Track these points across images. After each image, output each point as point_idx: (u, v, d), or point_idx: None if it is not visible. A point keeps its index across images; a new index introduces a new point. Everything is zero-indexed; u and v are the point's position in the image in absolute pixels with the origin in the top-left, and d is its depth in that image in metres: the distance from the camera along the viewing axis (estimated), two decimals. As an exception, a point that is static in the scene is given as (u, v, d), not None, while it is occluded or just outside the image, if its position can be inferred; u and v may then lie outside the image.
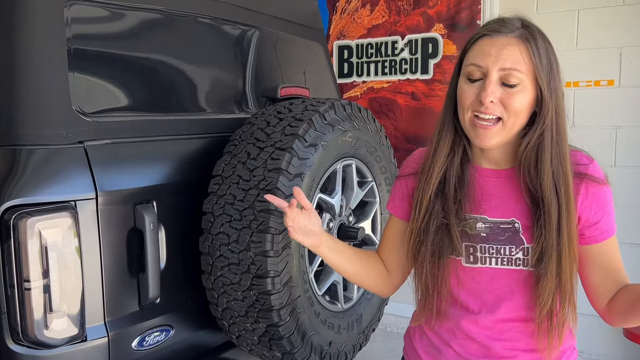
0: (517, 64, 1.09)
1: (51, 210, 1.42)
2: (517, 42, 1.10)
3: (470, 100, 1.12)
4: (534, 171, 1.13)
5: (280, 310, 1.63)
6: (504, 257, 1.17)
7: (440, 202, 1.19)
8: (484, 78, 1.11)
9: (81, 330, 1.49)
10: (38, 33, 1.50)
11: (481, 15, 3.53)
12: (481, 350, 1.22)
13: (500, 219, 1.17)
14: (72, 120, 1.52)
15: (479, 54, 1.11)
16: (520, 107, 1.11)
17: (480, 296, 1.20)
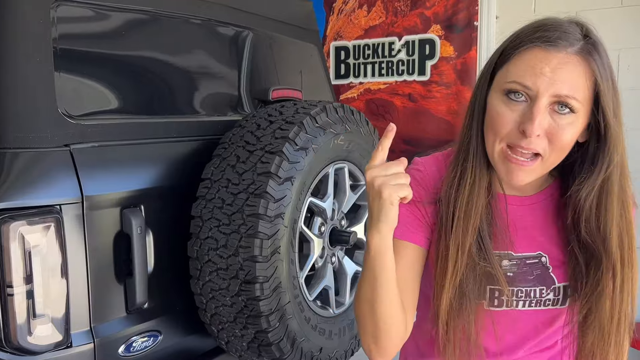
0: (577, 91, 0.88)
1: (35, 214, 1.40)
2: (580, 61, 0.88)
3: (508, 129, 0.91)
4: (595, 221, 0.94)
5: (269, 316, 1.60)
6: (533, 299, 1.02)
7: (476, 242, 0.98)
8: (529, 101, 0.90)
9: (66, 336, 1.47)
10: (24, 34, 1.48)
11: (478, 17, 3.51)
12: None
13: (526, 254, 1.01)
14: (57, 123, 1.49)
15: (528, 71, 0.89)
16: (568, 142, 0.91)
17: (502, 338, 1.05)
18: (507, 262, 1.01)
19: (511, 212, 1.02)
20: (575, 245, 0.97)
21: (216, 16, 2.02)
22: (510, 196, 1.03)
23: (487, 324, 1.03)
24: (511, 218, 1.02)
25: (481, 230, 0.98)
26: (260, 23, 2.26)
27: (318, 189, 1.87)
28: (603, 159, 0.92)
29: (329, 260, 1.93)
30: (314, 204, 1.81)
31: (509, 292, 0.99)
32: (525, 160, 0.92)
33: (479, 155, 0.98)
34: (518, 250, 1.01)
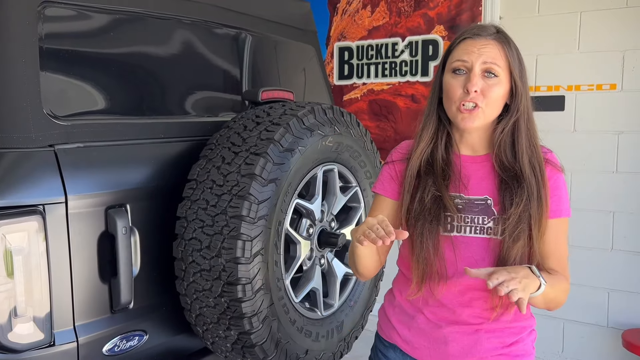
0: (496, 59, 1.27)
1: (18, 214, 1.41)
2: (495, 43, 1.29)
3: (459, 92, 1.28)
4: (510, 152, 1.29)
5: (251, 317, 1.60)
6: (477, 225, 1.30)
7: (431, 178, 1.33)
8: (467, 72, 1.27)
9: (49, 335, 1.48)
10: (10, 35, 1.49)
11: (482, 17, 3.47)
12: (450, 317, 1.33)
13: (475, 197, 1.32)
14: (42, 124, 1.50)
15: (463, 52, 1.29)
16: (496, 96, 1.27)
17: (454, 264, 1.30)
18: (459, 201, 1.31)
19: (466, 167, 1.35)
20: (502, 174, 1.29)
21: (207, 17, 2.03)
22: (466, 155, 1.36)
23: (442, 248, 1.30)
24: (466, 171, 1.34)
25: (436, 169, 1.33)
26: (254, 24, 2.26)
27: (306, 190, 1.86)
28: (514, 107, 1.29)
29: (317, 262, 1.92)
30: (301, 205, 1.80)
31: (456, 218, 1.30)
32: (472, 109, 1.27)
33: (430, 119, 1.37)
34: (469, 194, 1.32)
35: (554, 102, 3.31)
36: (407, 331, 1.38)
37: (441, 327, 1.33)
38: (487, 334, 1.31)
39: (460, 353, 1.32)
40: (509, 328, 1.32)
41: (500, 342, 1.32)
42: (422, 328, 1.35)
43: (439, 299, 1.33)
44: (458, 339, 1.32)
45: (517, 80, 1.29)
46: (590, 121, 3.21)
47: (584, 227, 3.23)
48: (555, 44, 3.27)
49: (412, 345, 1.37)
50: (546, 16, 3.29)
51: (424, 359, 1.36)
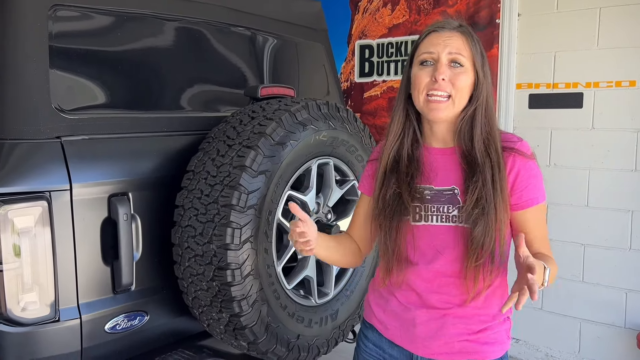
0: (461, 50, 1.32)
1: (25, 199, 1.55)
2: (459, 35, 1.34)
3: (425, 81, 1.31)
4: (468, 139, 1.34)
5: (241, 301, 1.70)
6: (442, 214, 1.35)
7: (394, 176, 1.38)
8: (434, 63, 1.32)
9: (53, 311, 1.62)
10: (22, 35, 1.64)
11: (500, 14, 3.46)
12: (419, 301, 1.38)
13: (443, 187, 1.36)
14: (50, 117, 1.64)
15: (429, 44, 1.34)
16: (464, 85, 1.32)
17: (423, 251, 1.37)
18: (429, 192, 1.36)
19: (435, 159, 1.39)
20: (463, 161, 1.34)
21: (214, 18, 2.13)
22: (434, 148, 1.40)
23: (412, 237, 1.36)
24: (435, 163, 1.38)
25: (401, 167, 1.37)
26: (263, 24, 2.35)
27: (301, 182, 1.94)
28: (475, 97, 1.34)
29: (312, 252, 2.00)
30: (294, 197, 1.88)
31: (423, 208, 1.35)
32: (442, 100, 1.31)
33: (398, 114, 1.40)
34: (437, 185, 1.36)
35: (572, 99, 3.27)
36: (382, 313, 1.45)
37: (410, 310, 1.39)
38: (453, 319, 1.35)
39: (427, 335, 1.37)
40: (478, 315, 1.35)
41: (467, 329, 1.35)
42: (394, 310, 1.42)
43: (409, 284, 1.39)
44: (425, 322, 1.37)
45: (479, 71, 1.33)
46: (609, 119, 3.16)
47: (602, 226, 3.18)
48: (573, 41, 3.23)
49: (386, 326, 1.44)
50: (565, 12, 3.25)
51: (395, 339, 1.42)
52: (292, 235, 1.32)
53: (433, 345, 1.36)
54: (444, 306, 1.36)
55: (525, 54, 3.39)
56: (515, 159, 1.32)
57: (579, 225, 3.25)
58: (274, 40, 2.41)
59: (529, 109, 3.40)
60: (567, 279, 3.31)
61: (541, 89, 3.36)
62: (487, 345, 1.36)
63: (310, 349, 1.95)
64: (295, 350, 1.89)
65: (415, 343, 1.38)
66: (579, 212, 3.25)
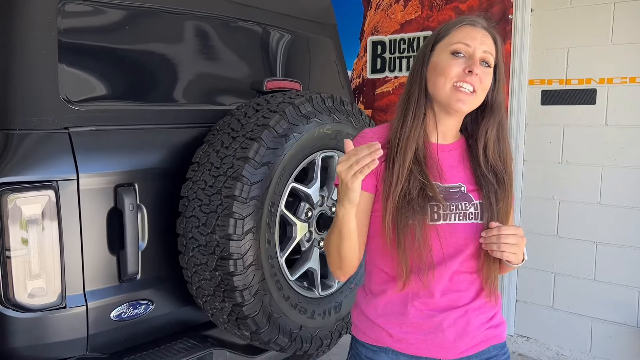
0: (492, 51, 1.32)
1: (33, 188, 1.59)
2: (489, 35, 1.34)
3: (456, 71, 1.29)
4: (497, 149, 1.36)
5: (243, 291, 1.72)
6: (460, 212, 1.32)
7: (417, 168, 1.31)
8: (467, 56, 1.30)
9: (60, 298, 1.65)
10: (32, 28, 1.67)
11: (513, 10, 3.44)
12: (442, 304, 1.32)
13: (450, 185, 1.34)
14: (59, 108, 1.68)
15: (466, 36, 1.31)
16: (488, 86, 1.33)
17: (440, 251, 1.31)
18: (439, 190, 1.31)
19: (440, 154, 1.36)
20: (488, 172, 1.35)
21: (221, 11, 2.15)
22: (440, 144, 1.37)
23: (432, 236, 1.29)
24: (440, 158, 1.35)
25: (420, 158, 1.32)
26: (272, 18, 2.37)
27: (305, 175, 1.96)
28: (499, 104, 1.35)
29: (316, 245, 2.01)
30: (298, 189, 1.90)
31: (444, 207, 1.30)
32: (469, 93, 1.30)
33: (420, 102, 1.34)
34: (445, 182, 1.33)
35: (585, 95, 3.24)
36: (398, 329, 1.33)
37: (434, 316, 1.32)
38: (475, 312, 1.34)
39: (457, 336, 1.32)
40: (488, 302, 1.37)
41: (485, 317, 1.36)
42: (416, 322, 1.32)
43: (429, 289, 1.31)
44: (452, 323, 1.32)
45: (501, 77, 1.35)
46: (623, 115, 3.12)
47: (614, 223, 3.15)
48: (587, 36, 3.20)
49: (407, 342, 1.33)
50: (579, 7, 3.22)
51: (420, 352, 1.33)
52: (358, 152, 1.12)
53: (462, 344, 1.33)
54: (463, 303, 1.33)
55: (538, 49, 3.37)
56: None
57: (591, 222, 3.22)
58: (282, 35, 2.43)
59: (541, 106, 3.38)
60: (578, 277, 3.28)
61: (554, 85, 3.33)
62: (500, 327, 1.40)
63: (313, 340, 1.97)
64: (297, 341, 1.90)
65: (444, 348, 1.32)
66: (591, 210, 3.22)
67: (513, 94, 3.43)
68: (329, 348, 2.11)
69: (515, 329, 3.55)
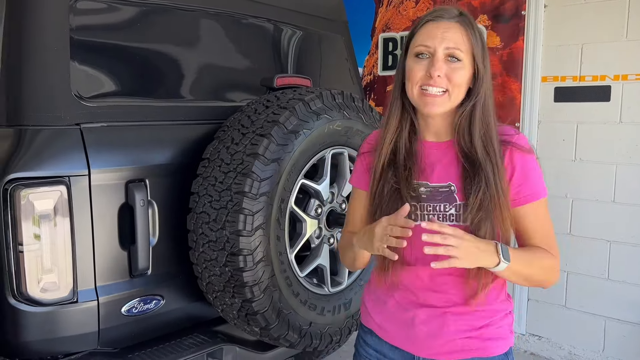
0: (459, 44, 1.25)
1: (45, 183, 1.60)
2: (458, 26, 1.26)
3: (420, 75, 1.26)
4: (467, 136, 1.29)
5: (252, 287, 1.72)
6: (439, 213, 1.30)
7: (392, 170, 1.33)
8: (430, 57, 1.25)
9: (72, 292, 1.67)
10: (45, 25, 1.69)
11: (526, 6, 3.40)
12: (417, 300, 1.34)
13: (439, 184, 1.31)
14: (70, 105, 1.69)
15: (426, 36, 1.26)
16: (461, 81, 1.26)
17: (419, 251, 1.25)
18: (424, 189, 1.31)
19: (431, 153, 1.34)
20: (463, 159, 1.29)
21: (232, 8, 2.16)
22: (429, 142, 1.35)
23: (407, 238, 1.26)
24: (431, 158, 1.33)
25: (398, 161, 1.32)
26: (283, 15, 2.37)
27: (315, 172, 1.96)
28: (473, 93, 1.28)
29: (325, 241, 2.01)
30: (307, 186, 1.90)
31: (418, 207, 1.30)
32: (437, 95, 1.26)
33: (394, 106, 1.35)
34: (433, 181, 1.31)
35: (599, 92, 3.20)
36: (380, 316, 1.40)
37: (408, 310, 1.34)
38: (454, 317, 1.31)
39: (427, 335, 1.32)
40: (479, 311, 1.31)
41: (469, 325, 1.31)
42: (392, 312, 1.37)
43: (406, 285, 1.34)
44: (424, 321, 1.32)
45: (479, 64, 1.27)
46: (638, 112, 3.08)
47: (629, 222, 3.11)
48: (601, 32, 3.16)
49: (385, 330, 1.39)
50: (593, 3, 3.18)
51: (396, 342, 1.37)
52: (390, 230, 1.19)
53: (435, 345, 1.31)
54: (444, 304, 1.32)
55: (551, 46, 3.33)
56: (513, 153, 1.28)
57: (604, 221, 3.18)
58: (293, 32, 2.43)
59: (554, 103, 3.34)
60: (592, 276, 3.25)
61: (567, 81, 3.29)
62: (491, 340, 1.32)
63: (322, 336, 1.97)
64: (307, 338, 1.91)
65: (416, 344, 1.34)
66: (605, 208, 3.18)
67: (526, 90, 3.40)
68: (338, 345, 2.11)
69: (527, 327, 3.52)
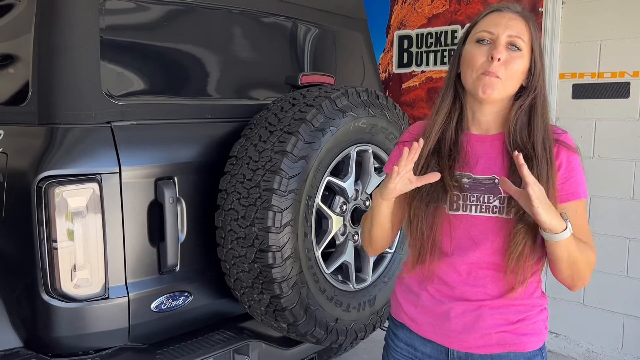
0: (522, 34, 1.27)
1: (78, 181, 1.63)
2: (521, 18, 1.29)
3: (481, 60, 1.26)
4: (526, 131, 1.29)
5: (281, 283, 1.74)
6: (482, 204, 1.30)
7: (436, 158, 1.33)
8: (492, 43, 1.27)
9: (104, 289, 1.69)
10: (75, 25, 1.71)
11: (544, 2, 3.40)
12: (452, 294, 1.33)
13: (483, 176, 1.32)
14: (101, 103, 1.71)
15: (490, 23, 1.29)
16: (517, 70, 1.27)
17: (458, 241, 1.31)
18: (467, 180, 1.32)
19: (476, 146, 1.34)
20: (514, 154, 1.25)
21: (256, 6, 2.17)
22: (476, 135, 1.35)
23: (447, 227, 1.31)
24: (476, 150, 1.34)
25: (443, 151, 1.32)
26: (305, 13, 2.39)
27: (340, 169, 1.97)
28: (531, 86, 1.29)
29: (350, 238, 2.03)
30: (333, 183, 1.91)
31: (461, 197, 1.30)
32: (494, 77, 1.25)
33: (446, 94, 1.35)
34: (477, 173, 1.32)
35: (618, 88, 3.19)
36: (413, 309, 1.39)
37: (444, 303, 1.33)
38: (490, 310, 1.30)
39: (462, 329, 1.31)
40: (515, 305, 1.31)
41: (504, 319, 1.30)
42: (426, 305, 1.36)
43: (442, 277, 1.33)
44: (460, 314, 1.31)
45: (537, 59, 1.28)
46: (655, 109, 3.07)
47: (647, 219, 3.11)
48: (620, 29, 3.15)
49: (417, 323, 1.38)
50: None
51: (429, 335, 1.36)
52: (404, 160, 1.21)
53: (469, 338, 1.30)
54: (480, 298, 1.31)
55: (569, 42, 3.32)
56: (560, 150, 1.28)
57: (623, 218, 3.18)
58: (315, 30, 2.44)
59: (572, 99, 3.33)
60: (610, 273, 3.24)
61: (585, 78, 3.28)
62: (526, 336, 1.32)
63: (348, 333, 1.98)
64: (333, 334, 1.92)
65: (450, 337, 1.33)
66: (624, 205, 3.17)
67: (543, 87, 3.39)
68: (362, 340, 2.13)
69: (544, 324, 3.52)
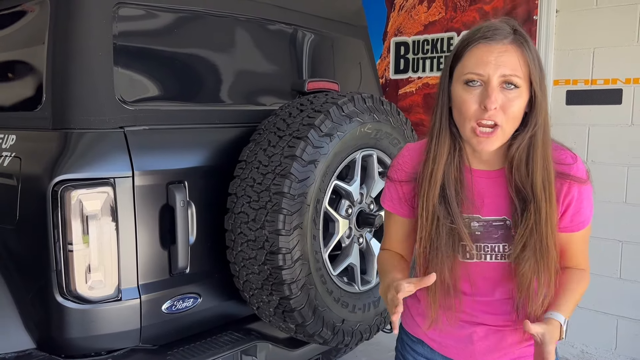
0: (516, 70, 1.11)
1: (92, 185, 1.66)
2: (513, 48, 1.12)
3: (474, 108, 1.13)
4: (524, 169, 1.18)
5: (291, 284, 1.78)
6: (497, 253, 1.23)
7: (444, 206, 1.21)
8: (483, 85, 1.12)
9: (117, 290, 1.72)
10: (89, 32, 1.75)
11: (538, 11, 3.48)
12: (472, 320, 1.30)
13: (493, 217, 1.22)
14: (114, 108, 1.75)
15: (478, 62, 1.12)
16: (518, 112, 1.14)
17: (478, 286, 1.27)
18: (476, 224, 1.22)
19: (480, 182, 1.24)
20: (512, 193, 1.19)
21: (263, 14, 2.22)
22: (479, 170, 1.24)
23: (463, 272, 1.25)
24: (480, 188, 1.23)
25: (449, 196, 1.21)
26: (307, 21, 2.44)
27: (345, 173, 2.02)
28: (531, 120, 1.17)
29: (355, 241, 2.07)
30: (339, 186, 1.96)
31: (474, 248, 1.22)
32: (488, 132, 1.14)
33: (442, 136, 1.22)
34: (485, 214, 1.23)
35: (611, 95, 3.27)
36: (432, 331, 1.33)
37: (465, 327, 1.30)
38: (511, 330, 1.28)
39: (487, 351, 1.29)
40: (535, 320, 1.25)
41: (526, 335, 1.26)
42: (446, 328, 1.30)
43: (462, 309, 1.29)
44: (483, 337, 1.29)
45: (537, 90, 1.14)
46: (649, 115, 3.16)
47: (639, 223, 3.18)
48: (613, 36, 3.23)
49: (439, 344, 1.34)
50: (604, 8, 3.26)
51: (453, 356, 1.33)
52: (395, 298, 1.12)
53: (493, 357, 1.30)
54: (502, 323, 1.29)
55: (563, 50, 3.40)
56: (572, 186, 1.20)
57: (616, 222, 3.25)
58: (318, 37, 2.49)
59: (566, 105, 3.41)
60: (604, 275, 3.31)
61: (579, 85, 3.36)
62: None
63: (354, 333, 2.02)
64: (340, 334, 1.96)
65: (474, 356, 1.31)
66: (617, 209, 3.25)
67: (538, 94, 3.46)
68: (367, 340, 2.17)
69: (539, 326, 3.58)
